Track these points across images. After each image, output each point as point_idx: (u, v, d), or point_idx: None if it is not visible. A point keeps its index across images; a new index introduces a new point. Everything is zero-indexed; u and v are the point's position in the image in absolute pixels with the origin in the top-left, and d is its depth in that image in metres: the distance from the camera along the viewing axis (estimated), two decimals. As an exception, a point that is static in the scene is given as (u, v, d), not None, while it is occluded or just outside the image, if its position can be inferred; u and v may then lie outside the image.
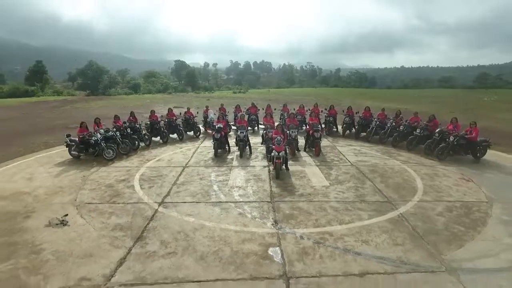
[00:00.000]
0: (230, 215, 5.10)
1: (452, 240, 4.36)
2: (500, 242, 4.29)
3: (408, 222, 4.87)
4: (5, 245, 4.22)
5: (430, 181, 6.68)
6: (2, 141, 11.13)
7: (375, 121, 10.44)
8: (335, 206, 5.45)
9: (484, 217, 5.01)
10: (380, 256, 3.96)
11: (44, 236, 4.47)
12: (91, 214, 5.17)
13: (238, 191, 6.10)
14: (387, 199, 5.71)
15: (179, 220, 4.92)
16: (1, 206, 5.46)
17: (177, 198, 5.76)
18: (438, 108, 21.62)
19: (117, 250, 4.10)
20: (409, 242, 4.31)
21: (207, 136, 11.21)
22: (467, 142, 8.05)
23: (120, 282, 3.50)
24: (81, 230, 4.64)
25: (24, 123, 15.57)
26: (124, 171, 7.34)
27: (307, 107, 12.95)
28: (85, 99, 34.32)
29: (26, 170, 7.46)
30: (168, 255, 4.00)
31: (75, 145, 8.28)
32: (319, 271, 3.66)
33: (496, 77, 73.29)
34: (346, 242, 4.28)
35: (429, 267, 3.76)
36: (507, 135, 12.30)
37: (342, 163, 7.94)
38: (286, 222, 4.84)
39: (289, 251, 4.06)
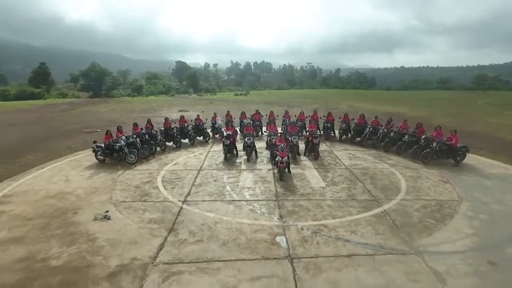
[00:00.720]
0: (243, 211, 6.18)
1: (423, 230, 5.44)
2: (460, 232, 5.37)
3: (389, 216, 5.96)
4: (66, 235, 5.31)
5: (413, 182, 7.76)
6: (29, 145, 12.21)
7: (368, 128, 11.51)
8: (330, 204, 6.53)
9: (452, 213, 6.10)
10: (364, 243, 5.04)
11: (94, 227, 5.55)
12: (127, 210, 6.25)
13: (248, 191, 7.18)
14: (374, 198, 6.79)
15: (201, 215, 6.01)
16: (52, 203, 6.54)
17: (197, 197, 6.84)
18: (432, 112, 22.70)
19: (156, 238, 5.19)
20: (388, 232, 5.40)
21: (215, 141, 12.29)
22: (448, 148, 9.13)
23: (163, 261, 4.58)
24: (122, 224, 5.73)
25: (42, 127, 16.63)
26: (147, 174, 8.42)
27: (307, 113, 13.99)
28: (91, 101, 35.35)
29: (61, 173, 8.54)
30: (196, 242, 5.08)
31: (101, 151, 9.35)
32: (316, 254, 4.75)
33: (494, 78, 74.31)
34: (337, 232, 5.36)
35: (401, 250, 4.85)
36: (491, 140, 13.33)
37: (338, 167, 9.02)
38: (289, 217, 5.93)
39: (292, 239, 5.14)
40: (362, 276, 4.22)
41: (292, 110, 24.11)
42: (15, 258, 4.64)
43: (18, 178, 8.10)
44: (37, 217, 5.94)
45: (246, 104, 30.41)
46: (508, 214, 6.07)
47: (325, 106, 26.93)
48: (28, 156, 10.51)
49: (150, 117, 20.30)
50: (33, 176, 8.29)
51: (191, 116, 20.45)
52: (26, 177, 8.16)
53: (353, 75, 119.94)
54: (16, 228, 5.53)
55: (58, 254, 4.74)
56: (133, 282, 4.11)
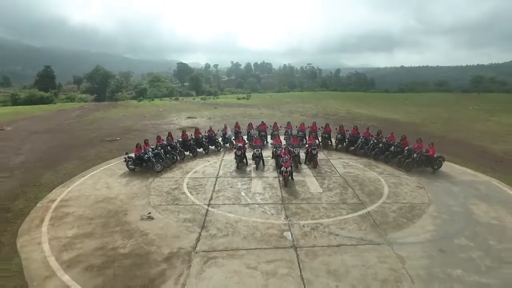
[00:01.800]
0: (256, 212, 7.88)
1: (395, 227, 7.14)
2: (424, 228, 7.07)
3: (371, 216, 7.65)
4: (124, 231, 7.01)
5: (394, 188, 9.46)
6: (60, 154, 13.89)
7: (361, 138, 13.19)
8: (325, 206, 8.23)
9: (421, 213, 7.79)
10: (350, 236, 6.74)
11: (143, 225, 7.24)
12: (165, 212, 7.94)
13: (259, 196, 8.87)
14: (361, 202, 8.49)
15: (224, 216, 7.70)
16: (103, 206, 8.24)
17: (219, 201, 8.53)
18: (423, 118, 24.37)
19: (193, 233, 6.88)
20: (369, 228, 7.09)
21: (226, 150, 13.97)
22: (426, 158, 10.81)
23: (201, 250, 6.27)
24: (164, 222, 7.42)
25: (65, 136, 18.29)
26: (173, 181, 10.11)
27: (307, 124, 15.64)
28: (100, 106, 36.95)
29: (101, 180, 10.23)
30: (224, 236, 6.78)
31: (132, 161, 11.03)
32: (314, 244, 6.44)
33: (491, 80, 76.09)
34: (330, 229, 7.06)
35: (377, 242, 6.54)
36: (471, 148, 15.02)
37: (333, 174, 10.71)
38: (293, 217, 7.62)
39: (296, 233, 6.84)
40: (347, 259, 5.92)
41: (293, 116, 25.95)
42: (92, 248, 6.34)
43: (68, 185, 9.79)
44: (96, 217, 7.64)
45: (249, 108, 32.12)
46: (464, 214, 7.77)
47: (324, 112, 28.61)
48: (65, 164, 12.21)
49: (160, 124, 22.12)
50: (79, 183, 9.99)
51: (199, 123, 22.26)
52: (74, 184, 9.85)
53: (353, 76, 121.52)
54: (83, 226, 7.23)
55: (123, 245, 6.44)
56: (183, 264, 5.81)
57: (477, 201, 8.46)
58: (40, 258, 6.02)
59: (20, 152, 14.49)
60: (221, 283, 5.27)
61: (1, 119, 24.99)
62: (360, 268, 5.65)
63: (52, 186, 9.78)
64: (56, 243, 6.52)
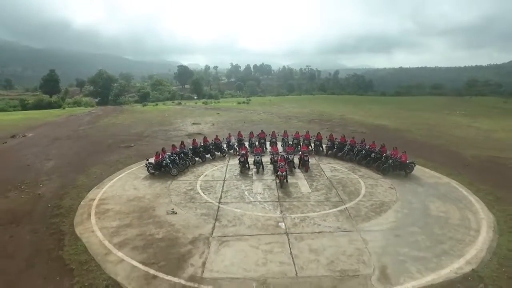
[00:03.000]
0: (258, 208, 9.99)
1: (365, 219, 9.26)
2: (387, 220, 9.19)
3: (348, 211, 9.77)
4: (155, 222, 9.12)
5: (370, 189, 11.58)
6: (86, 159, 15.97)
7: (347, 146, 15.31)
8: (313, 203, 10.35)
9: (387, 209, 9.92)
10: (329, 226, 8.86)
11: (169, 218, 9.35)
12: (185, 208, 10.05)
13: (259, 195, 10.99)
14: (341, 200, 10.61)
15: (233, 211, 9.81)
16: (135, 204, 10.35)
17: (227, 200, 10.65)
18: (410, 124, 26.51)
19: (209, 224, 8.99)
20: (345, 220, 9.21)
21: (230, 156, 16.07)
22: (400, 163, 12.94)
23: (217, 235, 8.39)
24: (185, 216, 9.53)
25: (84, 142, 20.37)
26: (188, 184, 12.22)
27: (301, 132, 17.73)
28: (108, 111, 38.95)
29: (127, 183, 12.34)
30: (233, 226, 8.89)
31: (152, 166, 13.13)
32: (301, 231, 8.56)
33: (485, 82, 78.40)
34: (314, 220, 9.18)
35: (349, 229, 8.66)
36: (447, 153, 17.14)
37: (321, 177, 12.84)
38: (287, 211, 9.74)
39: (288, 224, 8.96)
40: (325, 242, 8.03)
41: (290, 122, 28.10)
42: (134, 234, 8.46)
43: (101, 187, 11.91)
44: (131, 212, 9.75)
45: (250, 114, 34.26)
46: (421, 210, 9.89)
47: (320, 118, 30.75)
48: (93, 169, 14.31)
49: (168, 130, 24.21)
50: (110, 185, 12.10)
51: (204, 129, 24.41)
52: (106, 186, 11.96)
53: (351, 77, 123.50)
54: (123, 219, 9.34)
55: (156, 232, 8.55)
56: (204, 245, 7.92)
57: (434, 199, 10.60)
58: (97, 241, 8.14)
59: (49, 157, 16.60)
60: (232, 257, 7.39)
61: (18, 125, 27.09)
62: (334, 247, 7.77)
63: (88, 188, 11.90)
64: (105, 231, 8.64)
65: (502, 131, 23.14)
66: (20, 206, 10.50)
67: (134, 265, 7.11)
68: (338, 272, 6.87)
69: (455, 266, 7.05)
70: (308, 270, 6.94)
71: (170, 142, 18.51)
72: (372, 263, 7.16)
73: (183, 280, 6.61)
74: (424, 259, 7.29)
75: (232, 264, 7.13)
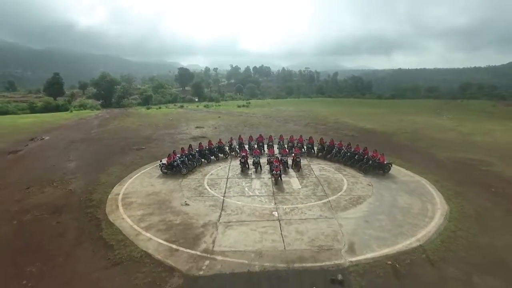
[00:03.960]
0: (255, 201, 12.16)
1: (343, 209, 11.43)
2: (360, 210, 11.36)
3: (330, 203, 11.94)
4: (172, 212, 11.28)
5: (351, 186, 13.75)
6: (104, 160, 18.11)
7: (335, 148, 17.49)
8: (301, 197, 12.51)
9: (363, 201, 12.09)
10: (313, 214, 11.03)
11: (184, 209, 11.52)
12: (195, 201, 12.21)
13: (257, 191, 13.16)
14: (325, 194, 12.78)
15: (235, 203, 11.98)
16: (154, 197, 12.51)
17: (230, 194, 12.82)
18: (397, 128, 28.71)
19: (216, 213, 11.17)
20: (327, 210, 11.38)
21: (232, 158, 18.22)
22: (379, 164, 15.11)
23: (223, 221, 10.56)
24: (196, 207, 11.69)
25: (98, 145, 22.52)
26: (196, 181, 14.38)
27: (295, 136, 19.91)
28: (114, 114, 41.10)
29: (145, 180, 14.50)
30: (236, 214, 11.06)
31: (165, 166, 15.28)
32: (290, 218, 10.74)
33: (478, 86, 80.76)
34: (302, 210, 11.35)
35: (330, 217, 10.83)
36: (424, 155, 19.32)
37: (311, 176, 15.01)
38: (280, 203, 11.91)
39: (280, 213, 11.13)
40: (309, 226, 10.20)
41: (287, 125, 30.26)
42: (156, 221, 10.61)
43: (122, 184, 14.06)
44: (151, 204, 11.91)
45: (249, 117, 36.45)
46: (390, 202, 12.05)
47: (315, 121, 32.97)
48: (111, 169, 16.46)
49: (174, 133, 26.35)
50: (129, 182, 14.25)
51: (207, 133, 26.57)
52: (126, 183, 14.12)
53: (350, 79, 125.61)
54: (145, 209, 11.50)
55: (174, 219, 10.71)
56: (213, 228, 10.08)
57: (403, 194, 12.78)
58: (127, 225, 10.29)
59: (70, 159, 18.75)
60: (235, 237, 9.54)
61: (33, 128, 29.25)
62: (316, 230, 9.94)
63: (111, 185, 14.05)
64: (133, 218, 10.79)
65: (480, 135, 25.36)
66: (57, 199, 12.65)
67: (160, 242, 9.27)
68: (316, 247, 9.03)
69: (407, 242, 9.22)
70: (294, 245, 9.10)
71: (177, 145, 20.71)
72: (344, 240, 9.32)
73: (198, 252, 8.77)
74: (384, 238, 9.46)
75: (236, 241, 9.29)
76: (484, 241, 9.36)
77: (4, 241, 9.63)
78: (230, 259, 8.44)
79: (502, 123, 31.49)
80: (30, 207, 11.90)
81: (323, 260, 8.40)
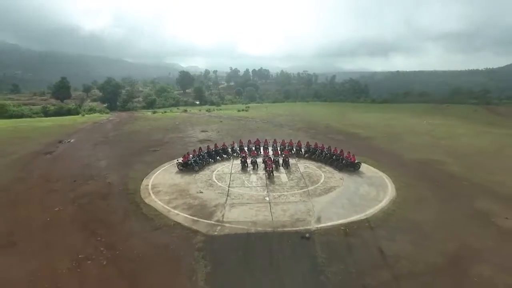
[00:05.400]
0: (252, 190, 16.40)
1: (318, 195, 15.66)
2: (331, 196, 15.59)
3: (308, 192, 16.16)
4: (191, 197, 15.51)
5: (327, 179, 17.97)
6: (127, 159, 22.28)
7: (318, 151, 21.71)
8: (288, 187, 16.74)
9: (333, 190, 16.31)
10: (295, 199, 15.27)
11: (199, 195, 15.74)
12: (207, 190, 16.43)
13: (254, 183, 17.39)
14: (306, 185, 17.00)
15: (237, 191, 16.20)
16: (175, 188, 16.72)
17: (234, 185, 17.04)
18: (379, 132, 32.99)
19: (223, 198, 15.40)
20: (305, 196, 15.61)
21: (233, 158, 22.42)
22: (350, 163, 19.35)
23: (228, 203, 14.79)
24: (209, 194, 15.91)
25: (119, 147, 26.71)
26: (206, 176, 18.60)
27: (287, 140, 24.14)
28: (123, 118, 45.28)
29: (166, 175, 18.70)
30: (238, 199, 15.29)
31: (181, 164, 19.47)
32: (278, 202, 14.97)
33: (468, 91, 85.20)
34: (287, 196, 15.58)
35: (307, 201, 15.05)
36: (393, 156, 23.55)
37: (297, 172, 19.23)
38: (271, 192, 16.14)
39: (271, 198, 15.36)
40: (290, 206, 14.42)
41: (282, 129, 34.49)
42: (180, 203, 14.82)
43: (149, 177, 18.27)
44: (174, 192, 16.11)
45: (248, 122, 40.70)
46: (353, 191, 16.26)
47: (307, 126, 37.25)
48: (136, 166, 20.66)
49: (183, 137, 30.48)
50: (154, 177, 18.45)
51: (211, 136, 30.79)
52: (152, 178, 18.32)
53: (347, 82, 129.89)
54: (170, 195, 15.69)
55: (193, 202, 14.91)
56: (222, 207, 14.29)
57: (365, 185, 17.01)
58: (160, 206, 14.49)
59: (99, 158, 22.93)
60: (238, 213, 13.74)
61: (55, 132, 33.43)
62: (295, 209, 14.15)
63: (140, 179, 18.23)
64: (163, 201, 14.98)
65: (448, 139, 29.65)
66: (101, 189, 16.84)
67: (186, 216, 13.46)
68: (295, 219, 13.22)
69: (358, 216, 13.42)
70: (279, 218, 13.30)
71: (186, 147, 24.95)
72: (314, 215, 13.53)
73: (213, 221, 12.96)
74: (343, 214, 13.67)
75: (238, 216, 13.49)
76: (412, 217, 13.58)
77: (74, 216, 13.82)
78: (234, 226, 12.65)
79: (474, 128, 35.83)
80: (82, 195, 16.09)
81: (298, 226, 12.61)
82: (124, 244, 11.42)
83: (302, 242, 11.61)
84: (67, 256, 10.69)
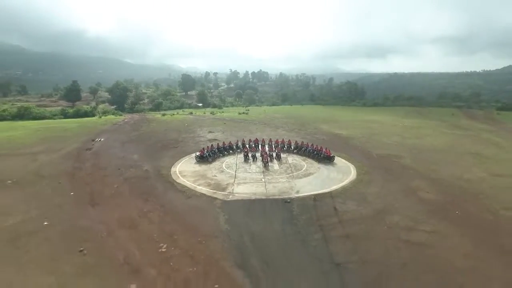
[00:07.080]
0: (253, 175, 23.08)
1: (299, 178, 22.33)
2: (308, 179, 22.26)
3: (293, 176, 22.82)
4: (208, 179, 22.20)
5: (308, 168, 24.63)
6: (154, 153, 28.88)
7: (304, 147, 28.37)
8: (278, 173, 23.41)
9: (310, 175, 22.97)
10: (283, 180, 21.94)
11: (215, 178, 22.41)
12: (220, 175, 23.10)
13: (254, 170, 24.07)
14: (292, 172, 23.67)
15: (242, 175, 22.88)
16: (196, 173, 23.38)
17: (239, 172, 23.72)
18: (360, 133, 39.69)
19: (232, 179, 22.07)
20: (290, 179, 22.28)
21: (238, 153, 29.04)
22: (326, 156, 26.02)
23: (236, 182, 21.46)
24: (221, 177, 22.58)
25: (144, 144, 33.30)
26: (218, 165, 25.26)
27: (280, 139, 30.80)
28: (137, 120, 51.79)
29: (188, 165, 25.36)
30: (243, 180, 21.95)
31: (198, 156, 26.08)
32: (270, 181, 21.63)
33: (455, 94, 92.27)
34: (277, 179, 22.25)
35: (290, 181, 21.71)
36: (363, 152, 30.22)
37: (286, 163, 25.89)
38: (266, 176, 22.80)
39: (265, 180, 22.02)
40: (279, 185, 21.07)
41: (278, 131, 41.16)
42: (202, 182, 21.47)
43: (175, 166, 24.92)
44: (196, 176, 22.74)
45: (248, 124, 47.36)
46: (325, 175, 22.91)
47: (299, 128, 43.95)
48: (164, 159, 27.29)
49: (194, 137, 37.11)
50: (179, 166, 25.10)
51: (218, 136, 37.47)
52: (177, 166, 24.97)
53: (344, 84, 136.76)
54: (194, 178, 22.32)
55: (211, 181, 21.55)
56: (231, 185, 20.94)
57: (334, 172, 23.67)
58: (188, 184, 21.12)
59: (131, 153, 29.53)
60: (243, 188, 20.38)
61: (83, 132, 39.98)
62: (282, 186, 20.79)
63: (168, 167, 24.85)
64: (189, 182, 21.61)
65: (414, 139, 36.38)
66: (141, 174, 23.44)
67: (208, 189, 20.09)
68: (282, 192, 19.85)
69: (324, 190, 20.05)
70: (271, 191, 19.92)
71: (199, 145, 31.59)
72: (294, 189, 20.15)
73: (226, 192, 19.60)
74: (315, 189, 20.28)
75: (243, 190, 20.11)
76: (361, 191, 20.22)
77: (130, 190, 20.41)
78: (241, 195, 19.28)
79: (442, 130, 42.59)
80: (129, 177, 22.70)
81: (283, 196, 19.25)
82: (171, 204, 18.06)
83: (285, 204, 18.25)
84: (135, 210, 17.32)
